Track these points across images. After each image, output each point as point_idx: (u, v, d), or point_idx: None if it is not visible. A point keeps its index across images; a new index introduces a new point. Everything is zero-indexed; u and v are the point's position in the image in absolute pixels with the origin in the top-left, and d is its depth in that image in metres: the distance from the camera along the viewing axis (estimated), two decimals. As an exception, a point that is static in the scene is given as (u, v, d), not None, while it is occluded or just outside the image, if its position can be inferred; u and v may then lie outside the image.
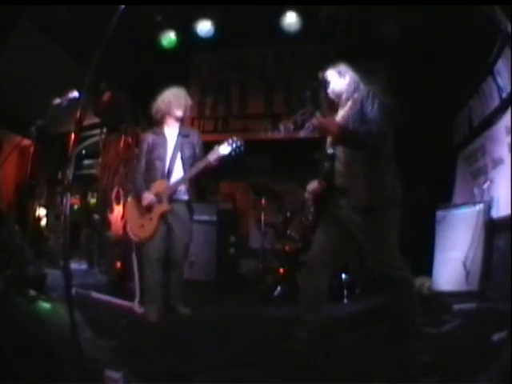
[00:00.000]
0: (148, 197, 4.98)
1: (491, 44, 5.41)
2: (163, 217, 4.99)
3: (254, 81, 8.98)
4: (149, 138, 5.26)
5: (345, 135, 3.66)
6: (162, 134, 5.22)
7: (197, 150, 5.24)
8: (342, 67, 3.92)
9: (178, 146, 5.16)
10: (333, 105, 3.99)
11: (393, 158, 3.74)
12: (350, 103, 3.84)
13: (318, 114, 3.84)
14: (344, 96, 3.89)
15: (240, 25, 7.89)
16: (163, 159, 5.11)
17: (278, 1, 7.34)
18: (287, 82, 8.68)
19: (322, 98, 4.00)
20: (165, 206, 4.97)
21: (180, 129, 5.28)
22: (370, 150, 3.63)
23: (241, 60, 9.05)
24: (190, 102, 5.40)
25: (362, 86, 3.82)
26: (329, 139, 3.89)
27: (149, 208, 4.98)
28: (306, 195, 4.10)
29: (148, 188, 5.05)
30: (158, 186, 5.03)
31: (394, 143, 3.76)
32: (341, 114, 3.88)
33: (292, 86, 8.64)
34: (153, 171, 5.12)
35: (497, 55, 5.43)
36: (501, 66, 5.35)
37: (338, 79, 3.89)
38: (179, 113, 5.22)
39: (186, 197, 5.17)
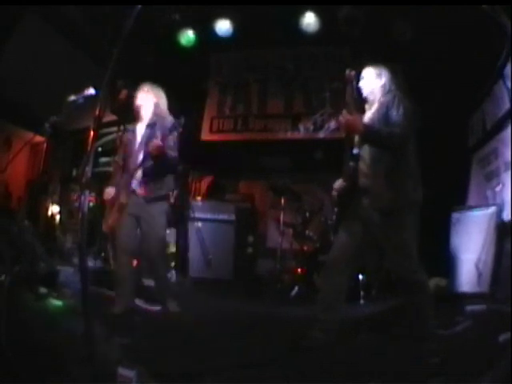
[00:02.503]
0: (107, 191, 5.05)
1: (501, 48, 5.76)
2: (121, 210, 4.90)
3: (274, 81, 9.40)
4: (124, 138, 5.35)
5: (369, 134, 3.95)
6: (132, 131, 5.19)
7: (168, 137, 4.93)
8: (382, 68, 4.21)
9: (143, 138, 5.06)
10: (360, 104, 4.27)
11: (416, 162, 4.02)
12: (376, 105, 4.14)
13: (344, 112, 4.07)
14: (375, 97, 4.18)
15: (258, 25, 8.30)
16: (130, 155, 5.05)
17: (296, 1, 7.74)
18: (307, 83, 9.08)
19: (349, 95, 4.27)
20: (121, 199, 4.91)
21: (148, 120, 5.13)
22: (391, 152, 3.93)
23: (261, 60, 9.49)
24: (146, 91, 5.18)
25: (391, 89, 4.12)
26: (356, 138, 4.18)
27: (112, 202, 4.99)
28: (333, 193, 4.33)
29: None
30: (121, 180, 5.06)
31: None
32: (368, 116, 4.17)
33: (312, 87, 9.03)
34: (125, 169, 5.09)
35: (506, 59, 5.79)
36: (510, 69, 5.69)
37: (375, 79, 4.20)
38: (136, 103, 5.13)
39: (145, 190, 4.98)
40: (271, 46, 9.18)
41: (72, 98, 5.13)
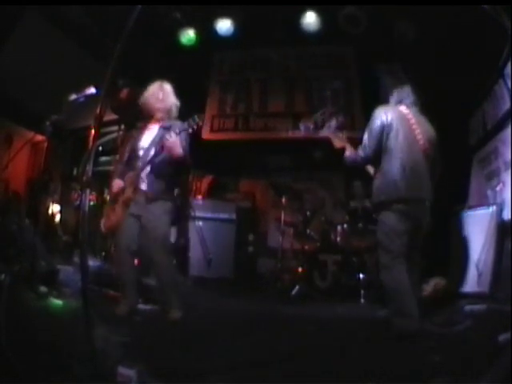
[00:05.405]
0: (116, 183, 5.00)
1: (501, 48, 5.78)
2: (126, 206, 4.88)
3: (275, 80, 9.43)
4: (133, 133, 5.41)
5: None
6: (142, 128, 5.17)
7: (180, 136, 4.84)
8: None
9: (156, 138, 5.00)
10: None
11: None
12: None
13: None
14: None
15: (259, 24, 8.32)
16: (139, 152, 5.01)
17: (298, 1, 7.76)
18: (308, 82, 9.10)
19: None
20: (126, 194, 4.87)
21: (163, 122, 5.09)
22: None
23: (262, 59, 9.49)
24: (166, 91, 5.15)
25: None
26: None
27: (116, 198, 4.97)
28: None
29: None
30: (128, 176, 4.99)
31: None
32: None
33: (312, 86, 9.06)
34: (131, 164, 5.05)
35: (506, 59, 5.82)
36: (510, 69, 5.73)
37: None
38: (156, 105, 5.07)
39: (151, 188, 4.93)
40: (272, 45, 9.17)
41: (73, 96, 5.18)
